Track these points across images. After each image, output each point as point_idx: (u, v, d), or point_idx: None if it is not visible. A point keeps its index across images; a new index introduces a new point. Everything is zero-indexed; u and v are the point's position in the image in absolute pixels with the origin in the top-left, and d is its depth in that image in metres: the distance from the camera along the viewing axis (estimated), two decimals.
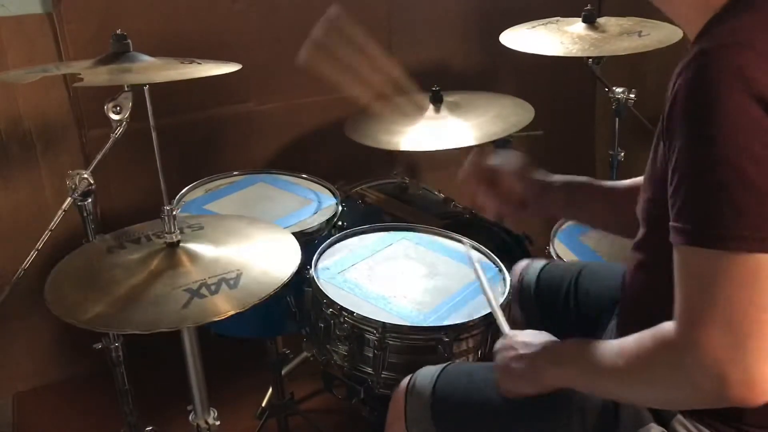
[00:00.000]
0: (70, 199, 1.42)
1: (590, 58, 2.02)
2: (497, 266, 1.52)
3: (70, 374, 2.26)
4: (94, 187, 1.43)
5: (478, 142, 1.91)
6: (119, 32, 1.56)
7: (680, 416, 0.98)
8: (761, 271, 0.78)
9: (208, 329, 1.66)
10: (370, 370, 1.36)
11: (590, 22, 2.02)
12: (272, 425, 1.94)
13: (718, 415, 0.95)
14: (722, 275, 0.79)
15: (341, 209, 1.77)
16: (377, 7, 2.35)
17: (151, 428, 1.76)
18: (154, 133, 1.74)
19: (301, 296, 1.51)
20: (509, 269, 1.49)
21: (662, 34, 1.92)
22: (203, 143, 2.25)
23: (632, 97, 2.03)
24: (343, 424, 2.09)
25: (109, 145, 1.46)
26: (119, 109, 1.43)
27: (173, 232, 1.24)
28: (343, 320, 1.36)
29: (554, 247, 1.73)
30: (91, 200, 1.45)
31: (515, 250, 1.88)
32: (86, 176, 1.41)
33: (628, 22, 2.04)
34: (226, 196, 1.84)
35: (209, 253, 1.25)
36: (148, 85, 1.63)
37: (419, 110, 1.75)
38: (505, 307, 1.38)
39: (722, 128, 0.79)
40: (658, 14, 2.02)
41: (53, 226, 1.44)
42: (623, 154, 2.15)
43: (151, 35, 1.90)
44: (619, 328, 1.15)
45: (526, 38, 2.02)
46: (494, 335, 1.38)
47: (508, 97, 2.15)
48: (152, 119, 1.72)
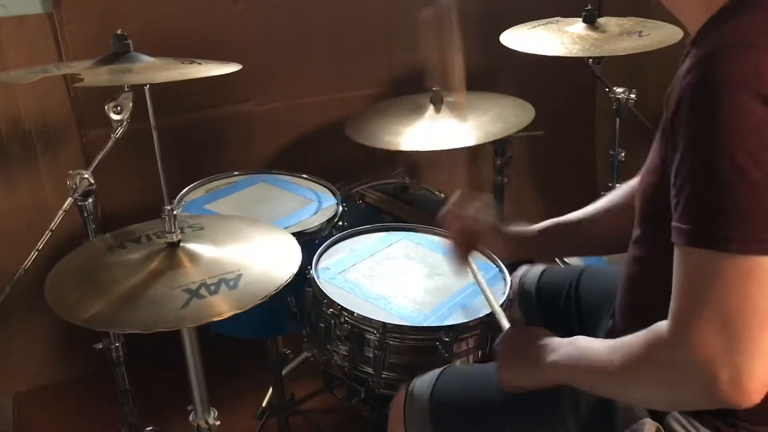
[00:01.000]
0: (70, 199, 1.42)
1: (590, 58, 2.02)
2: (497, 266, 1.52)
3: (70, 374, 2.26)
4: (94, 187, 1.43)
5: (478, 142, 1.91)
6: (119, 32, 1.56)
7: (675, 412, 0.99)
8: (757, 273, 0.78)
9: (208, 329, 1.66)
10: (370, 370, 1.36)
11: (590, 22, 2.02)
12: (272, 425, 1.94)
13: (712, 410, 0.95)
14: (717, 276, 0.79)
15: (341, 209, 1.77)
16: (377, 7, 2.35)
17: (151, 428, 1.76)
18: (155, 132, 1.74)
19: (301, 296, 1.51)
20: (510, 270, 1.49)
21: (662, 34, 1.92)
22: (203, 143, 2.25)
23: (633, 97, 2.03)
24: (343, 424, 2.09)
25: (109, 145, 1.46)
26: (120, 109, 1.43)
27: (174, 232, 1.24)
28: (343, 320, 1.36)
29: None
30: (91, 200, 1.45)
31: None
32: (87, 176, 1.41)
33: (628, 22, 2.04)
34: (226, 196, 1.84)
35: (209, 253, 1.25)
36: (148, 85, 1.63)
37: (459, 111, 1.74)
38: (506, 306, 1.39)
39: (726, 129, 0.79)
40: (658, 14, 2.02)
41: (53, 226, 1.44)
42: (624, 154, 2.15)
43: (151, 35, 1.90)
44: (615, 327, 1.15)
45: (526, 38, 2.02)
46: (494, 335, 1.38)
47: (508, 97, 2.15)
48: (153, 119, 1.72)
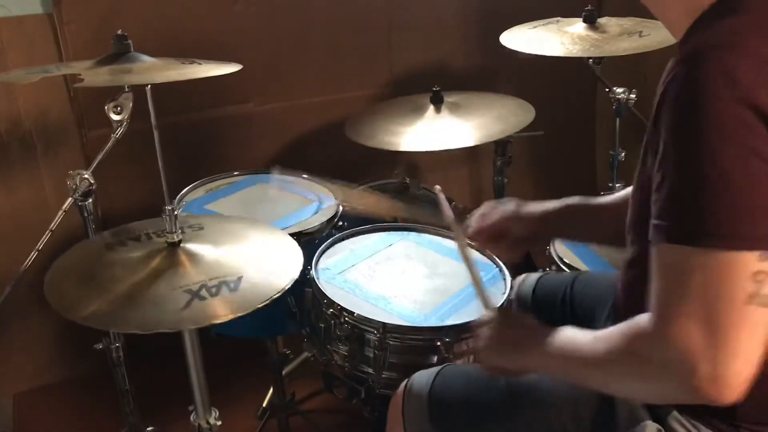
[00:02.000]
0: (70, 199, 1.42)
1: (591, 58, 2.02)
2: (497, 266, 1.52)
3: (70, 374, 2.26)
4: (94, 187, 1.43)
5: (478, 142, 1.91)
6: (120, 32, 1.56)
7: (676, 413, 0.99)
8: (735, 269, 0.79)
9: (208, 330, 1.66)
10: (370, 370, 1.36)
11: (591, 22, 2.02)
12: (273, 425, 1.94)
13: (713, 411, 0.95)
14: (697, 271, 0.80)
15: (341, 209, 1.77)
16: (377, 7, 2.35)
17: (151, 428, 1.76)
18: (155, 132, 1.74)
19: (301, 296, 1.51)
20: (510, 270, 1.49)
21: (662, 34, 1.92)
22: (204, 143, 2.25)
23: (633, 97, 2.03)
24: (343, 424, 2.09)
25: (109, 145, 1.46)
26: (120, 109, 1.43)
27: (174, 231, 1.23)
28: (343, 320, 1.36)
29: (554, 248, 1.73)
30: (91, 200, 1.45)
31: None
32: (87, 176, 1.41)
33: (628, 22, 2.04)
34: (226, 196, 1.84)
35: (210, 254, 1.25)
36: (149, 85, 1.63)
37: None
38: (506, 306, 1.39)
39: (705, 130, 0.80)
40: None
41: (54, 226, 1.44)
42: (624, 154, 2.15)
43: (151, 36, 1.90)
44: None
45: (526, 38, 2.02)
46: None
47: (508, 97, 2.15)
48: (154, 119, 1.72)
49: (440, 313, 1.38)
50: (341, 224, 1.75)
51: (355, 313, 1.34)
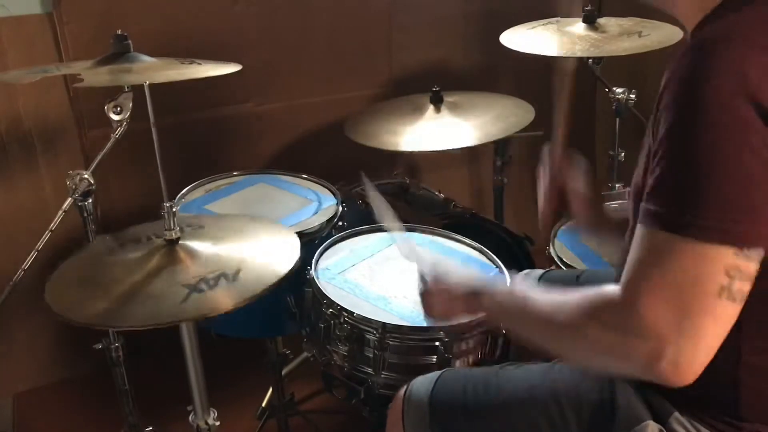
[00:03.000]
0: (70, 199, 1.42)
1: (590, 58, 2.02)
2: (497, 266, 1.52)
3: (70, 374, 2.26)
4: (94, 187, 1.43)
5: (478, 142, 1.91)
6: (119, 32, 1.56)
7: (677, 414, 0.99)
8: (711, 260, 0.80)
9: (208, 330, 1.66)
10: (370, 370, 1.36)
11: (590, 22, 2.02)
12: (272, 426, 1.94)
13: (714, 412, 0.96)
14: (675, 256, 0.81)
15: (341, 209, 1.77)
16: (377, 7, 2.35)
17: (151, 428, 1.76)
18: (154, 132, 1.74)
19: (301, 296, 1.51)
20: (510, 270, 1.49)
21: (662, 34, 1.92)
22: (203, 143, 2.25)
23: (632, 97, 2.03)
24: (343, 424, 2.09)
25: (109, 145, 1.46)
26: (120, 109, 1.43)
27: (173, 229, 1.23)
28: (343, 320, 1.36)
29: (554, 247, 1.73)
30: (91, 200, 1.45)
31: (516, 250, 1.88)
32: (86, 176, 1.41)
33: (628, 22, 2.04)
34: (226, 196, 1.84)
35: (209, 250, 1.25)
36: (147, 82, 1.63)
37: None
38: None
39: (705, 120, 0.80)
40: (658, 15, 2.01)
41: (53, 226, 1.44)
42: (623, 154, 2.15)
43: (151, 36, 1.90)
44: None
45: (526, 38, 2.02)
46: (494, 335, 1.38)
47: (508, 97, 2.15)
48: (153, 119, 1.72)
49: None
50: (341, 224, 1.75)
51: (354, 313, 1.34)
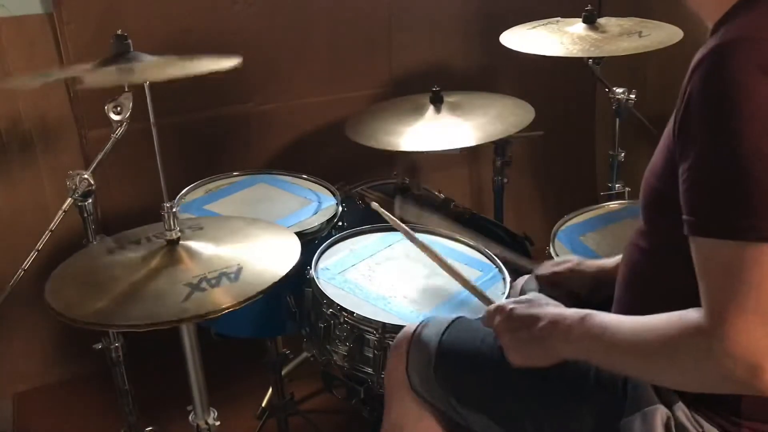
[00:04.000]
0: (70, 199, 1.42)
1: (590, 58, 2.02)
2: (497, 266, 1.52)
3: (70, 374, 2.26)
4: (94, 187, 1.43)
5: (478, 142, 1.91)
6: (120, 32, 1.56)
7: (681, 404, 0.98)
8: None
9: (208, 329, 1.66)
10: (370, 370, 1.36)
11: (590, 22, 2.02)
12: (272, 425, 1.94)
13: (716, 407, 0.96)
14: (750, 265, 0.80)
15: (341, 209, 1.77)
16: (377, 7, 2.35)
17: (151, 428, 1.76)
18: (154, 132, 1.74)
19: (301, 296, 1.51)
20: (510, 270, 1.49)
21: (663, 34, 1.92)
22: (204, 144, 2.25)
23: (632, 97, 2.02)
24: (343, 424, 2.09)
25: (109, 145, 1.46)
26: (120, 109, 1.43)
27: (173, 229, 1.24)
28: (343, 320, 1.36)
29: (554, 247, 1.72)
30: (91, 200, 1.45)
31: (516, 250, 1.88)
32: (86, 176, 1.41)
33: (628, 22, 2.04)
34: (226, 196, 1.84)
35: (209, 250, 1.25)
36: (147, 82, 1.63)
37: None
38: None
39: (744, 118, 0.79)
40: (657, 14, 2.01)
41: (53, 226, 1.44)
42: (623, 154, 2.15)
43: (151, 36, 1.90)
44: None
45: (526, 38, 2.02)
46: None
47: (508, 97, 2.15)
48: (153, 119, 1.71)
49: (440, 313, 1.38)
50: (341, 224, 1.75)
51: (354, 313, 1.34)
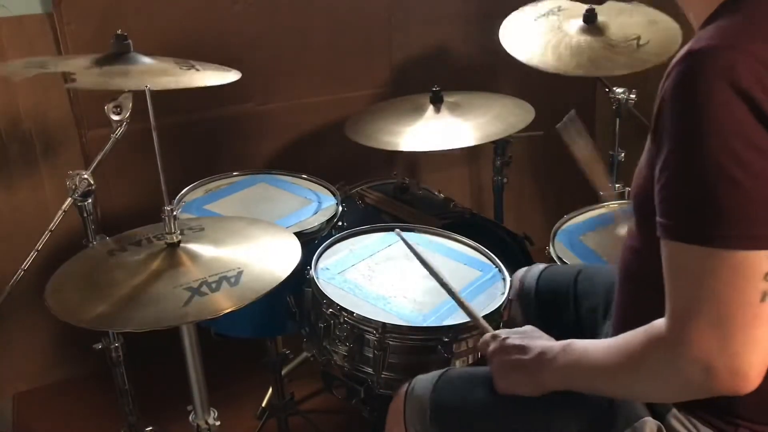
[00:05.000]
0: (70, 199, 1.43)
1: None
2: (497, 266, 1.52)
3: (70, 374, 2.26)
4: (94, 187, 1.43)
5: (478, 142, 1.91)
6: (120, 32, 1.56)
7: (675, 411, 1.00)
8: (746, 267, 0.80)
9: (208, 329, 1.66)
10: (370, 370, 1.36)
11: (590, 22, 2.01)
12: (272, 425, 1.94)
13: (712, 409, 0.97)
14: (709, 271, 0.81)
15: (341, 209, 1.77)
16: (377, 7, 2.35)
17: (151, 428, 1.76)
18: (154, 132, 1.74)
19: (301, 296, 1.51)
20: (510, 270, 1.49)
21: (663, 35, 1.92)
22: (203, 143, 2.25)
23: (633, 97, 2.03)
24: (343, 424, 2.09)
25: (109, 145, 1.46)
26: (120, 109, 1.43)
27: (174, 232, 1.24)
28: (343, 320, 1.36)
29: (554, 247, 1.73)
30: (91, 200, 1.45)
31: (515, 250, 1.88)
32: (86, 176, 1.42)
33: (629, 20, 2.03)
34: (226, 196, 1.84)
35: (210, 253, 1.25)
36: (149, 86, 1.63)
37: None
38: (504, 306, 1.39)
39: (708, 128, 0.80)
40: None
41: (53, 226, 1.44)
42: (624, 154, 2.15)
43: (151, 36, 1.90)
44: (613, 320, 1.16)
45: (526, 39, 2.01)
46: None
47: (508, 97, 2.15)
48: (153, 119, 1.72)
49: (439, 313, 1.38)
50: (341, 224, 1.75)
51: (354, 313, 1.34)
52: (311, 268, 1.48)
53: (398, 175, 2.13)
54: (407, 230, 1.67)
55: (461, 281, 1.47)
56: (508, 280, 1.46)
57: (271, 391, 2.00)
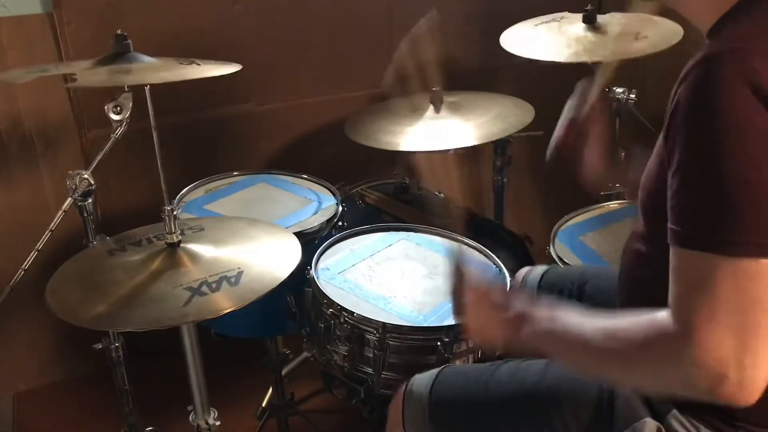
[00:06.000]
0: (70, 199, 1.42)
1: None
2: (497, 266, 1.52)
3: (70, 374, 2.26)
4: (94, 187, 1.43)
5: (478, 142, 1.91)
6: (120, 32, 1.56)
7: (676, 411, 0.99)
8: (762, 275, 0.79)
9: (208, 329, 1.66)
10: (370, 370, 1.36)
11: (590, 22, 2.01)
12: (272, 425, 1.94)
13: (714, 411, 0.96)
14: (724, 279, 0.80)
15: (341, 209, 1.77)
16: (377, 7, 2.35)
17: (151, 428, 1.76)
18: (155, 132, 1.74)
19: (301, 296, 1.51)
20: (510, 270, 1.49)
21: (661, 35, 1.92)
22: (204, 143, 2.25)
23: (632, 97, 2.02)
24: (343, 424, 2.09)
25: (109, 145, 1.46)
26: (119, 109, 1.43)
27: (174, 232, 1.24)
28: (343, 320, 1.36)
29: (554, 247, 1.73)
30: (91, 200, 1.45)
31: (516, 250, 1.88)
32: (86, 176, 1.41)
33: (629, 20, 2.02)
34: (226, 196, 1.84)
35: (210, 253, 1.26)
36: (149, 85, 1.63)
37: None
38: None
39: (725, 134, 0.79)
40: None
41: (53, 226, 1.44)
42: (623, 154, 2.15)
43: (151, 35, 1.90)
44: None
45: (527, 40, 2.01)
46: None
47: (508, 97, 2.15)
48: (153, 119, 1.72)
49: (439, 313, 1.38)
50: (341, 224, 1.75)
51: (354, 313, 1.34)
52: (311, 268, 1.48)
53: (398, 175, 2.13)
54: (407, 230, 1.67)
55: None
56: (508, 280, 1.46)
57: (271, 391, 2.00)
